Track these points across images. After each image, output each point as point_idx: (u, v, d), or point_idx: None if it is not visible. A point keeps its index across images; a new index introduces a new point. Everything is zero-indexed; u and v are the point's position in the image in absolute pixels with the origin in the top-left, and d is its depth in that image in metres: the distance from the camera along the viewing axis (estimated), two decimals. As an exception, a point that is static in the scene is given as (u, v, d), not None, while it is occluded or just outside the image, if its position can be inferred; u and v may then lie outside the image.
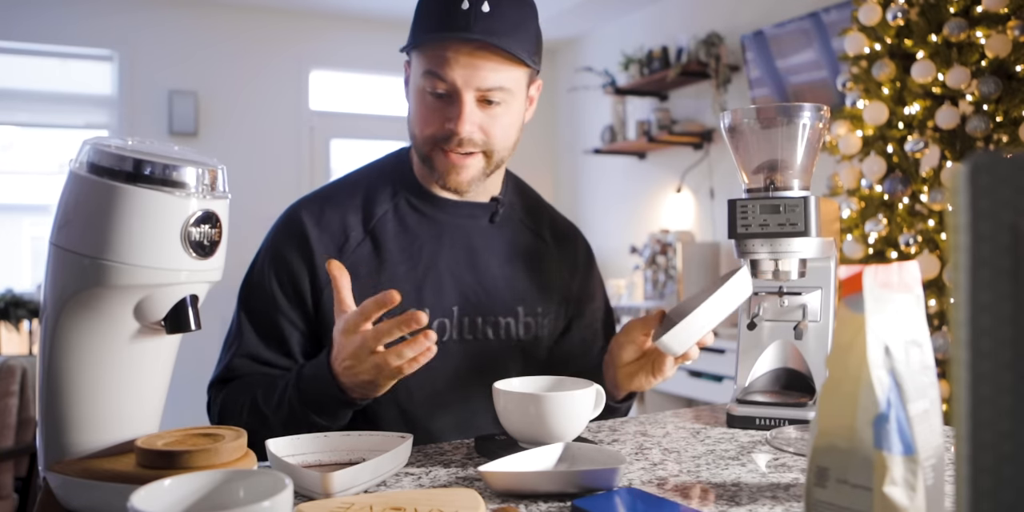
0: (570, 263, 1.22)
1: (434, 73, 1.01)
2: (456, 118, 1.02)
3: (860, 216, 2.37)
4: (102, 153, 0.69)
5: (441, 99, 1.03)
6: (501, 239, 1.16)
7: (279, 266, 1.08)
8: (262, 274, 1.10)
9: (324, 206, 1.11)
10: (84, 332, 0.71)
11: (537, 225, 1.21)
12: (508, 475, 0.77)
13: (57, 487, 0.72)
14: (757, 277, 1.07)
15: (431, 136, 1.05)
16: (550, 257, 1.20)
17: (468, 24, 0.99)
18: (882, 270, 0.60)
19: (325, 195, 1.14)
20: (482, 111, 1.04)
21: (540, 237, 1.21)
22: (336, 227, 1.09)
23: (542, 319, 1.16)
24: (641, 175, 4.44)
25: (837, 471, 0.58)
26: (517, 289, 1.15)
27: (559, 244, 1.22)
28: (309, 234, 1.08)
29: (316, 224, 1.09)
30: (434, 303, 1.09)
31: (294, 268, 1.08)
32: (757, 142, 1.06)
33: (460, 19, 1.00)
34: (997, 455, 0.35)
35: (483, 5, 1.00)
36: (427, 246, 1.11)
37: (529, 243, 1.19)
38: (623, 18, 4.53)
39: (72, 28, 4.14)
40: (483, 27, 0.99)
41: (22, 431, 2.15)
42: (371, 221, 1.11)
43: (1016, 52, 2.07)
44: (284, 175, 4.50)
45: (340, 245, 1.09)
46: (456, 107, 1.02)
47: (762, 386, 1.11)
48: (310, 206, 1.11)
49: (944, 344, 2.08)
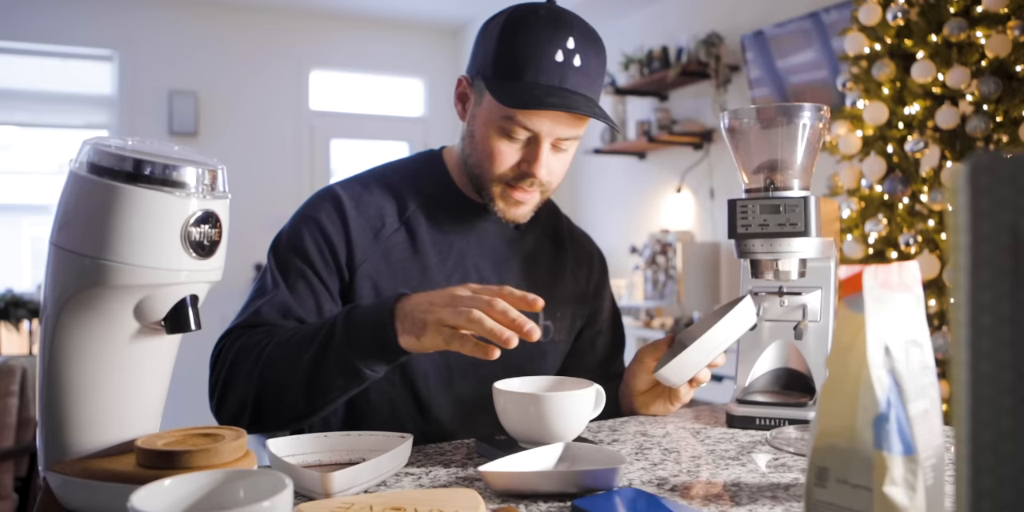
0: (587, 272, 1.27)
1: (518, 121, 1.03)
2: (534, 162, 1.05)
3: (860, 216, 2.37)
4: (102, 153, 0.69)
5: (516, 140, 1.05)
6: (525, 246, 1.20)
7: (317, 232, 1.08)
8: (299, 237, 1.08)
9: (362, 191, 1.13)
10: (84, 332, 0.71)
11: (557, 233, 1.26)
12: (508, 475, 0.77)
13: (57, 487, 0.72)
14: (757, 277, 1.07)
15: (502, 175, 1.07)
16: (569, 265, 1.25)
17: (561, 78, 1.02)
18: (882, 270, 0.59)
19: (362, 181, 1.15)
20: (553, 154, 1.07)
21: (560, 246, 1.25)
22: (373, 211, 1.11)
23: (560, 323, 1.20)
24: (641, 175, 4.44)
25: (837, 471, 0.58)
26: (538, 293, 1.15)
27: (577, 253, 1.27)
28: (348, 213, 1.09)
29: (355, 205, 1.10)
30: None
31: (332, 238, 1.08)
32: (757, 142, 1.06)
33: (553, 72, 1.02)
34: (997, 455, 0.35)
35: (575, 59, 1.02)
36: (456, 243, 1.14)
37: (550, 251, 1.24)
38: (623, 18, 4.53)
39: (72, 28, 4.14)
40: (574, 82, 1.03)
41: (22, 431, 2.15)
42: (406, 212, 1.13)
43: (1016, 52, 2.07)
44: (284, 175, 4.50)
45: (377, 229, 1.10)
46: (534, 151, 1.05)
47: (762, 386, 1.11)
48: (348, 189, 1.13)
49: (944, 344, 2.08)
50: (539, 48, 1.01)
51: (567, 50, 1.02)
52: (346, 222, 1.09)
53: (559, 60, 1.01)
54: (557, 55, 1.01)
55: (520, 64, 1.02)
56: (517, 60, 1.02)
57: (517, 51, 1.02)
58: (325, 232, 1.08)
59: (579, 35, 1.03)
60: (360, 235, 1.09)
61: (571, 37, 1.03)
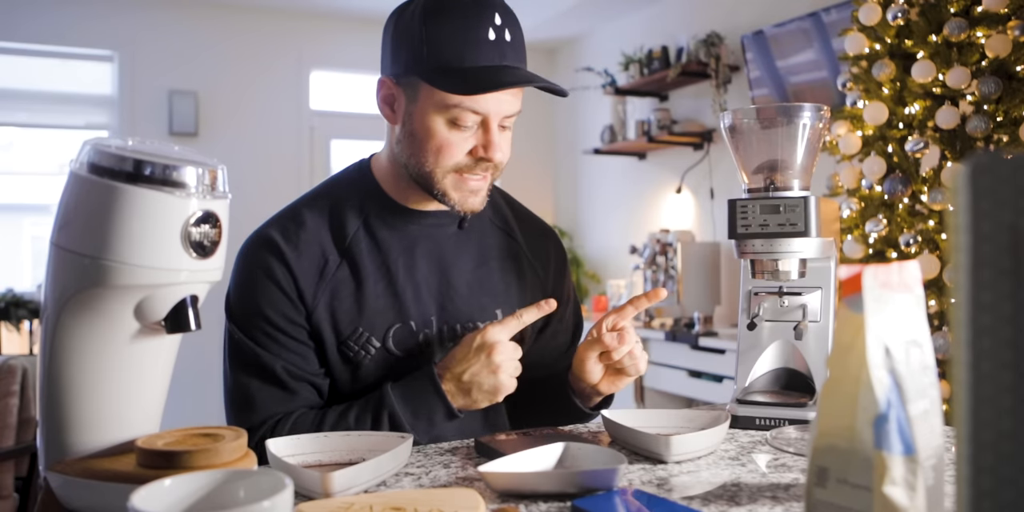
0: (543, 260, 1.22)
1: (466, 107, 1.00)
2: (490, 146, 1.02)
3: (860, 216, 2.37)
4: (102, 153, 0.69)
5: (465, 128, 1.02)
6: (472, 244, 1.16)
7: (269, 285, 1.05)
8: (252, 298, 1.05)
9: (297, 229, 1.08)
10: (84, 332, 0.71)
11: (507, 224, 1.21)
12: (508, 475, 0.77)
13: (58, 487, 0.72)
14: (757, 277, 1.07)
15: (455, 165, 1.03)
16: (523, 255, 1.20)
17: (501, 56, 1.00)
18: (882, 270, 0.59)
19: (295, 216, 1.10)
20: (500, 134, 1.04)
21: (511, 236, 1.20)
22: (313, 249, 1.07)
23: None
24: (641, 175, 4.44)
25: (837, 471, 0.58)
26: (495, 292, 1.15)
27: (531, 241, 1.22)
28: (289, 260, 1.05)
29: (294, 248, 1.06)
30: (416, 316, 1.08)
31: (285, 290, 1.04)
32: (757, 142, 1.06)
33: (492, 52, 0.99)
34: (997, 455, 0.35)
35: (505, 33, 1.01)
36: (401, 260, 1.10)
37: (501, 243, 1.19)
38: (623, 18, 4.53)
39: (73, 29, 4.14)
40: (512, 57, 1.01)
41: (22, 431, 2.15)
42: (344, 241, 1.09)
43: (1016, 52, 2.07)
44: (284, 175, 4.50)
45: (320, 267, 1.06)
46: (487, 135, 1.02)
47: (762, 386, 1.11)
48: (282, 230, 1.08)
49: (944, 344, 2.08)
50: (470, 31, 0.99)
51: (497, 27, 1.00)
52: (291, 270, 1.05)
53: (492, 39, 0.99)
54: (489, 34, 0.99)
55: (457, 51, 0.99)
56: (451, 47, 0.99)
57: (448, 38, 0.99)
58: (277, 284, 1.05)
59: (501, 9, 1.01)
60: (307, 281, 1.05)
61: (496, 13, 1.00)
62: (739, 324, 1.14)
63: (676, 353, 3.31)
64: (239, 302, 1.07)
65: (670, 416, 1.01)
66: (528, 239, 1.22)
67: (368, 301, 1.07)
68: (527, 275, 1.19)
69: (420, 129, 1.03)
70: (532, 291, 1.19)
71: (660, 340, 3.40)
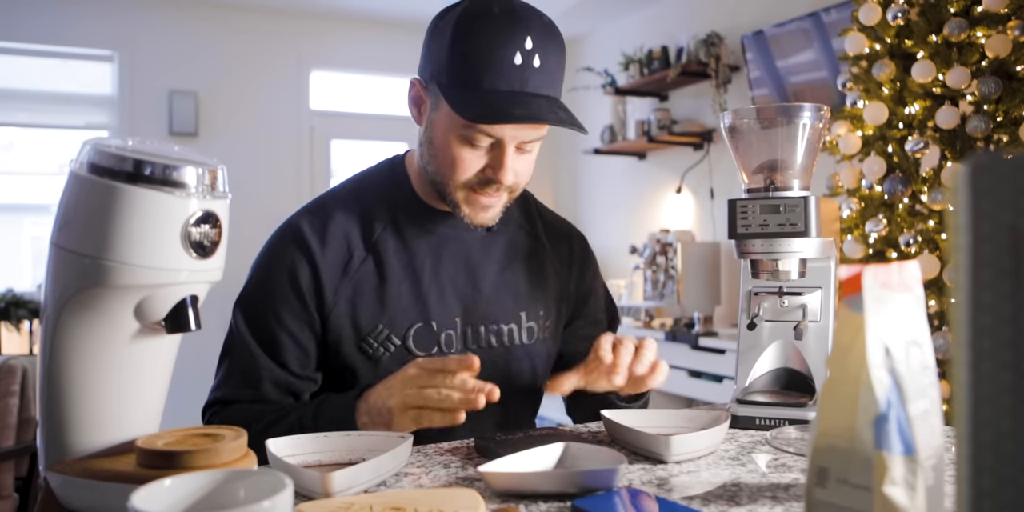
0: (567, 260, 1.23)
1: (480, 129, 0.98)
2: (499, 168, 1.01)
3: (860, 216, 2.37)
4: (102, 153, 0.69)
5: (479, 147, 1.01)
6: (499, 246, 1.16)
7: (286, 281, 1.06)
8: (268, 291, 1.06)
9: (326, 220, 1.09)
10: (84, 332, 0.71)
11: (532, 226, 1.22)
12: (508, 475, 0.77)
13: (58, 487, 0.72)
14: (757, 277, 1.07)
15: (467, 182, 1.02)
16: (547, 256, 1.21)
17: (522, 82, 0.96)
18: (882, 270, 0.59)
19: (324, 207, 1.11)
20: (518, 156, 1.03)
21: (536, 238, 1.21)
22: (339, 241, 1.07)
23: (544, 322, 1.17)
24: (641, 175, 4.44)
25: (837, 471, 0.58)
26: (519, 295, 1.15)
27: (555, 242, 1.23)
28: (314, 250, 1.06)
29: (320, 239, 1.07)
30: (438, 316, 1.09)
31: (302, 286, 1.05)
32: (757, 142, 1.06)
33: (513, 77, 0.95)
34: (997, 455, 0.35)
35: (534, 59, 0.96)
36: (427, 260, 1.10)
37: (526, 245, 1.19)
38: (623, 18, 4.53)
39: (73, 29, 4.14)
40: (535, 84, 0.97)
41: (22, 431, 2.14)
42: (372, 236, 1.09)
43: (1016, 52, 2.07)
44: (284, 175, 4.50)
45: (345, 262, 1.07)
46: (498, 157, 1.00)
47: (762, 386, 1.11)
48: (310, 221, 1.09)
49: (944, 344, 2.08)
50: (495, 52, 0.94)
51: (525, 51, 0.95)
52: (315, 266, 1.05)
53: (517, 63, 0.95)
54: (515, 58, 0.95)
55: (476, 70, 0.95)
56: (472, 66, 0.95)
57: (472, 56, 0.95)
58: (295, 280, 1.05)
59: (536, 32, 0.97)
60: (330, 274, 1.06)
61: (529, 36, 0.96)
62: (739, 324, 1.14)
63: (676, 353, 3.31)
64: (253, 295, 1.08)
65: (670, 416, 1.01)
66: (552, 240, 1.23)
67: (391, 299, 1.07)
68: (550, 277, 1.20)
69: (438, 138, 1.03)
70: (555, 293, 1.19)
71: (660, 340, 3.40)
